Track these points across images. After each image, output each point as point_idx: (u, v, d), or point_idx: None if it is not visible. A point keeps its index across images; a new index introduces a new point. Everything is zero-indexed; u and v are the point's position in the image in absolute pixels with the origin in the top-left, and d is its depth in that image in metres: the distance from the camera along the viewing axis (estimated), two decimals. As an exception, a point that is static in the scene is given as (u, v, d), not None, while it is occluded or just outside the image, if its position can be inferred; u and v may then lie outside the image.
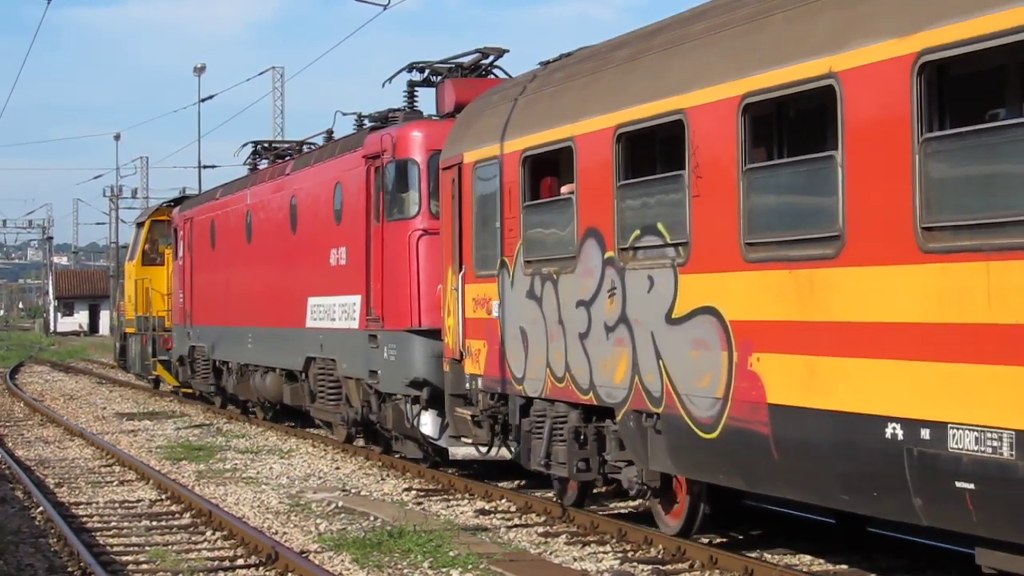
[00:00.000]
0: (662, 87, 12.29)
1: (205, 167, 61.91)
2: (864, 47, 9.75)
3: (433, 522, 15.01)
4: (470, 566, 12.71)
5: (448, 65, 20.53)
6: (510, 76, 18.91)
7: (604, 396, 13.37)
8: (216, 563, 13.42)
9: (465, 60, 20.46)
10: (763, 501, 14.72)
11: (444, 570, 12.62)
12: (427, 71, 20.89)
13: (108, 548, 14.32)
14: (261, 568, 13.05)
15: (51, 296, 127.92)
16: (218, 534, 14.95)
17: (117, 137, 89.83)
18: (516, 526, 15.04)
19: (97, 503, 17.57)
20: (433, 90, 20.35)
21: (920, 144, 9.22)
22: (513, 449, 15.90)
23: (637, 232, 12.69)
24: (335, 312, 21.12)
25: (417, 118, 20.06)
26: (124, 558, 13.72)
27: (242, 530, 14.48)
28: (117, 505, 17.41)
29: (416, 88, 21.00)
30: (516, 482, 18.02)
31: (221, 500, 17.39)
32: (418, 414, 18.43)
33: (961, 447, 8.95)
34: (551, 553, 13.49)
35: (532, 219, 14.72)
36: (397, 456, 20.25)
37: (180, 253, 31.85)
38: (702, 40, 12.05)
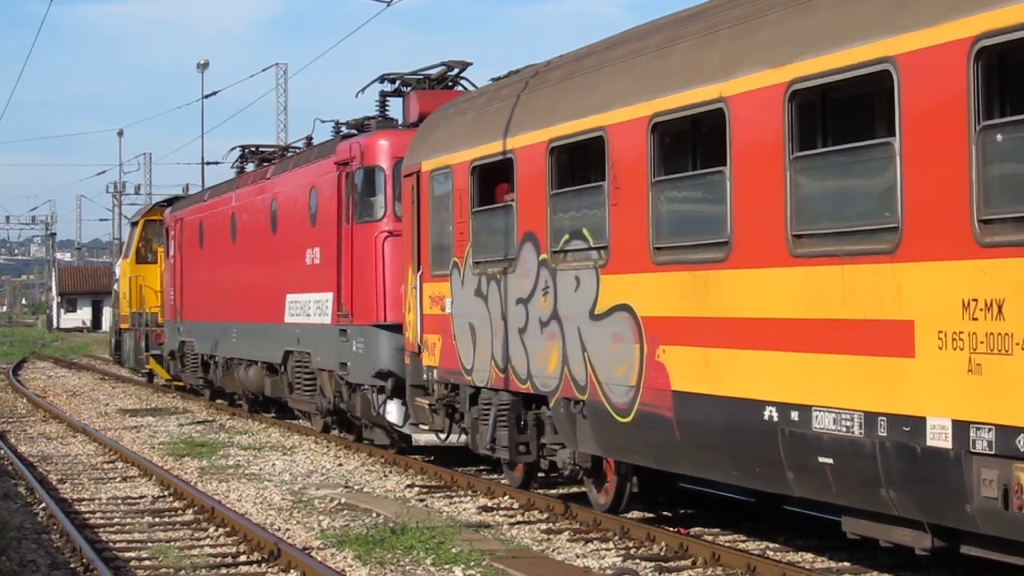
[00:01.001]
0: (587, 106, 13.63)
1: (208, 163, 61.78)
2: (747, 75, 11.08)
3: (436, 519, 15.04)
4: (472, 563, 12.69)
5: (417, 76, 21.85)
6: (475, 87, 20.24)
7: (539, 385, 14.70)
8: (219, 560, 13.38)
9: (433, 72, 21.77)
10: (705, 484, 15.76)
11: (446, 567, 12.63)
12: (398, 82, 22.22)
13: (111, 544, 14.30)
14: (264, 565, 13.03)
15: (54, 292, 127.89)
16: (221, 531, 14.93)
17: (120, 133, 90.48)
18: (519, 523, 15.04)
19: (100, 499, 17.61)
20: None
21: (790, 162, 10.56)
22: (468, 436, 17.22)
23: (566, 237, 14.02)
24: (310, 308, 22.48)
25: (388, 126, 21.38)
26: (127, 554, 13.71)
27: (245, 527, 14.42)
28: (120, 501, 17.43)
29: (387, 98, 22.34)
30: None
31: (224, 496, 17.40)
32: (383, 403, 19.78)
33: (823, 427, 10.29)
34: (554, 550, 13.51)
35: (479, 224, 16.05)
36: (367, 442, 21.60)
37: (171, 252, 33.24)
38: (621, 64, 13.38)
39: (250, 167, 29.68)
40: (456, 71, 21.61)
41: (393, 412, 19.72)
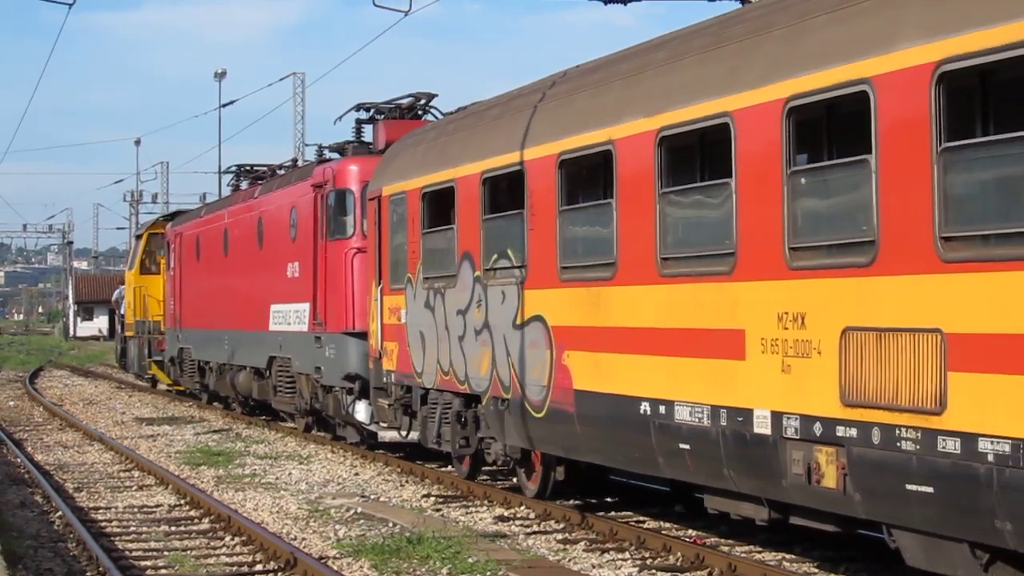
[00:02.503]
0: (512, 144, 15.70)
1: (225, 172, 62.98)
2: (628, 123, 13.16)
3: (452, 528, 15.04)
4: (489, 573, 12.75)
5: (389, 106, 23.97)
6: (442, 115, 22.34)
7: (475, 386, 16.77)
8: (235, 569, 13.44)
9: (403, 102, 23.89)
10: (632, 476, 17.44)
11: None
12: (372, 111, 24.35)
13: (127, 553, 14.35)
14: (280, 574, 13.09)
15: (71, 301, 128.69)
16: (237, 539, 14.96)
17: (138, 142, 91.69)
18: (535, 533, 15.10)
19: (116, 508, 17.63)
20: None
21: (659, 197, 12.62)
22: (419, 432, 19.27)
23: (495, 256, 16.09)
24: (291, 317, 24.60)
25: (363, 152, 23.49)
26: (143, 563, 13.76)
27: (261, 536, 14.47)
28: (136, 510, 17.47)
29: (362, 125, 24.46)
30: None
31: (240, 505, 17.43)
32: (352, 403, 21.90)
33: (682, 419, 12.33)
34: (570, 560, 13.57)
35: (428, 244, 18.13)
36: (342, 440, 23.67)
37: (172, 264, 35.42)
38: (544, 106, 15.46)
39: (245, 185, 31.85)
40: (424, 101, 23.72)
41: (361, 411, 21.81)
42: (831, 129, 11.22)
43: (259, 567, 13.46)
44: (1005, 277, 8.80)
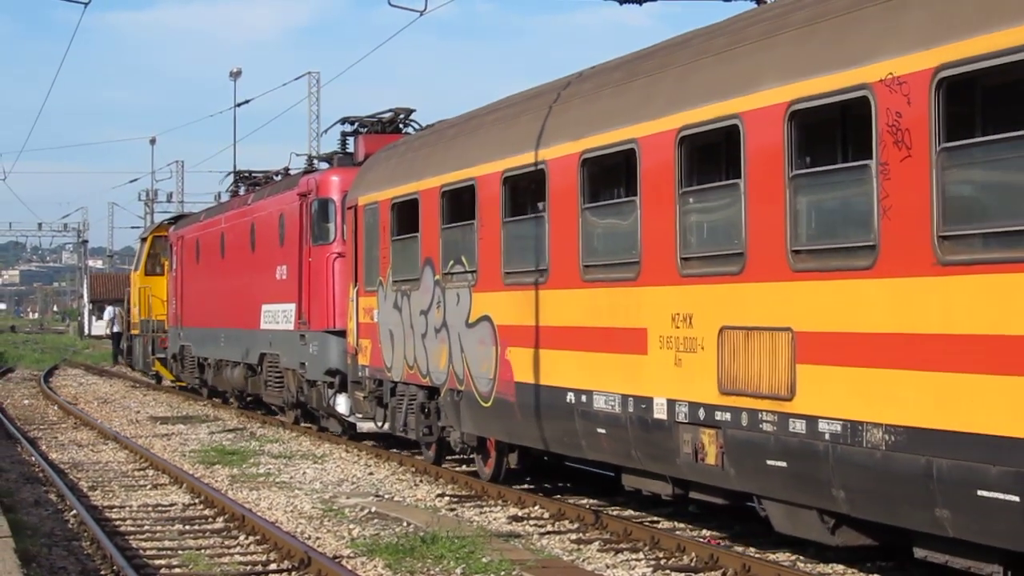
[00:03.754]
0: (465, 161, 17.45)
1: (240, 171, 62.75)
2: (556, 146, 14.91)
3: (466, 528, 14.98)
4: (503, 572, 12.75)
5: (372, 119, 25.74)
6: (421, 127, 24.09)
7: (435, 379, 18.52)
8: (249, 568, 13.40)
9: (384, 116, 25.66)
10: (587, 463, 18.83)
11: None
12: (356, 124, 26.13)
13: (141, 552, 14.34)
14: (294, 573, 13.08)
15: (86, 299, 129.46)
16: (251, 539, 14.94)
17: (153, 141, 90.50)
18: (549, 533, 15.11)
19: (130, 507, 17.64)
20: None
21: (581, 211, 14.36)
22: (389, 422, 21.04)
23: (452, 262, 17.84)
24: (279, 316, 26.39)
25: (348, 163, 25.25)
26: (157, 562, 13.75)
27: (275, 535, 14.46)
28: (150, 509, 17.48)
29: (347, 137, 26.24)
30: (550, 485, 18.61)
31: (254, 505, 17.45)
32: (333, 396, 23.68)
33: (599, 406, 14.07)
34: (584, 560, 13.54)
35: (397, 249, 19.89)
36: (326, 431, 25.44)
37: (174, 265, 37.27)
38: (491, 127, 17.20)
39: (243, 190, 33.65)
40: (403, 116, 25.50)
41: (341, 404, 23.59)
42: (712, 157, 12.95)
43: (273, 566, 13.44)
44: (838, 284, 10.53)
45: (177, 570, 13.36)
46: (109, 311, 45.46)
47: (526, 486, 18.51)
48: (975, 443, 9.19)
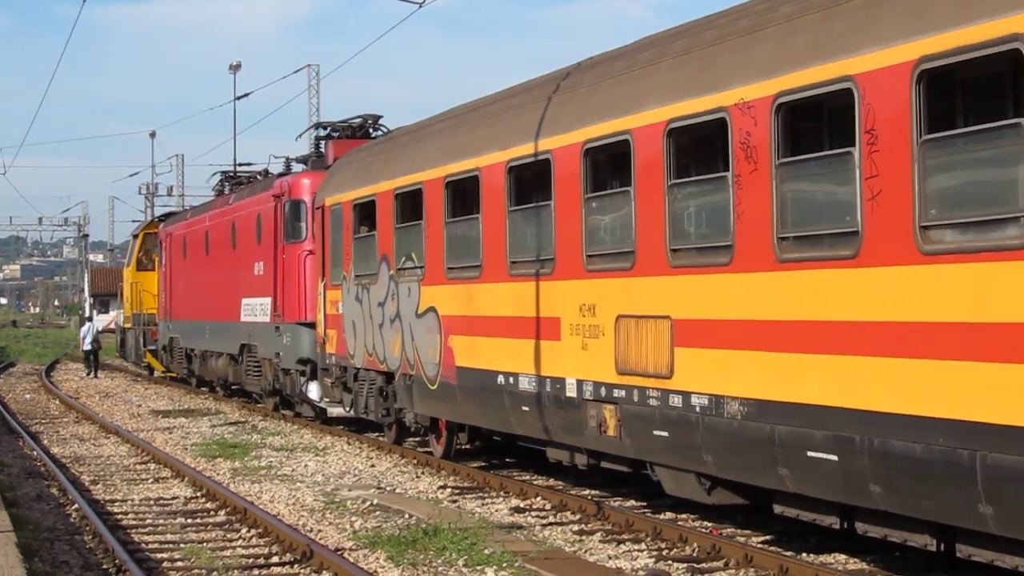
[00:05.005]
0: (415, 167, 19.21)
1: (240, 165, 59.14)
2: (488, 155, 16.65)
3: (468, 520, 15.05)
4: (505, 564, 12.74)
5: (344, 124, 27.52)
6: (389, 131, 25.84)
7: (390, 365, 20.29)
8: (251, 561, 13.40)
9: (355, 122, 27.44)
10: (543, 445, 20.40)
11: (479, 568, 12.67)
12: (329, 128, 27.91)
13: (143, 545, 14.34)
14: (296, 566, 13.03)
15: (87, 293, 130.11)
16: (253, 532, 14.97)
17: (153, 135, 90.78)
18: (551, 524, 15.13)
19: (132, 500, 17.68)
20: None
21: (508, 213, 16.12)
22: (353, 406, 22.81)
23: (404, 258, 19.61)
24: (257, 309, 28.18)
25: (320, 167, 27.02)
26: (159, 555, 13.74)
27: (277, 528, 14.50)
28: (152, 502, 17.51)
29: (321, 141, 28.03)
30: (551, 479, 18.52)
31: (256, 498, 17.49)
32: (305, 383, 25.47)
33: (524, 387, 15.83)
34: (586, 551, 13.54)
35: (358, 247, 21.66)
36: (299, 415, 27.21)
37: (163, 261, 39.07)
38: (436, 136, 18.96)
39: (228, 190, 35.41)
40: (371, 122, 27.28)
41: (313, 390, 25.38)
42: (610, 168, 14.70)
43: (275, 559, 13.47)
44: (704, 278, 12.30)
45: (179, 563, 13.38)
46: (85, 328, 46.79)
47: (481, 462, 20.29)
48: (804, 412, 10.96)
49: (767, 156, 11.34)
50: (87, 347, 47.13)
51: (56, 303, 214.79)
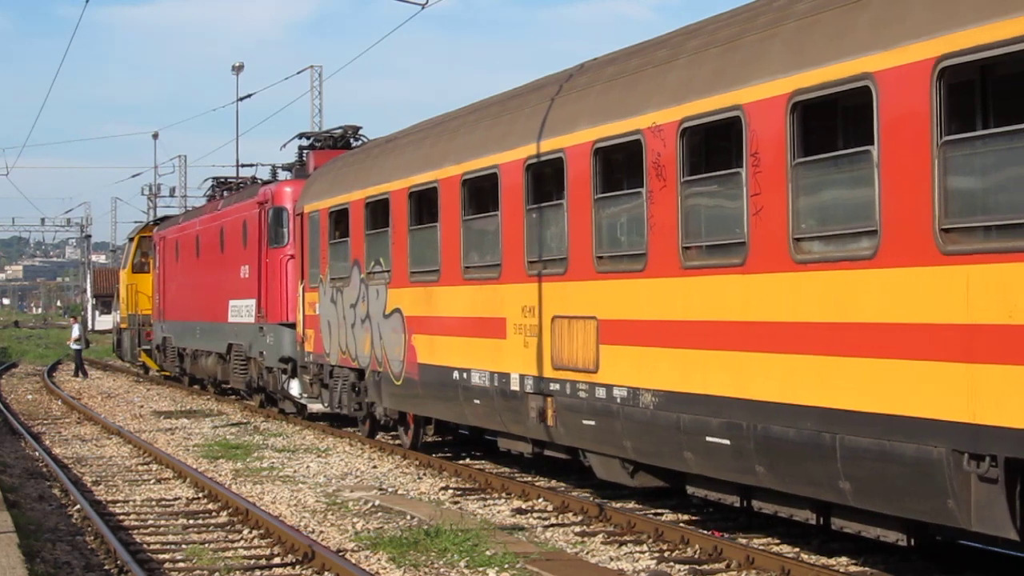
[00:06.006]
0: (383, 178, 20.64)
1: (243, 166, 59.74)
2: (445, 168, 18.08)
3: (470, 521, 15.09)
4: (506, 565, 12.77)
5: (325, 134, 28.99)
6: (368, 140, 27.28)
7: (362, 362, 21.73)
8: (253, 561, 13.43)
9: (336, 133, 28.91)
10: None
11: (481, 569, 12.69)
12: (312, 138, 29.39)
13: (145, 546, 14.35)
14: (298, 567, 13.07)
15: (89, 294, 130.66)
16: (255, 532, 15.01)
17: (155, 136, 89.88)
18: (553, 525, 15.19)
19: (134, 501, 17.70)
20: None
21: (463, 223, 17.55)
22: (328, 401, 24.23)
23: (373, 263, 21.04)
24: (243, 311, 29.63)
25: (301, 175, 28.47)
26: (161, 556, 13.77)
27: (279, 528, 14.52)
28: (154, 503, 17.53)
29: (304, 151, 29.49)
30: (552, 481, 18.51)
31: (258, 499, 17.54)
32: (287, 380, 26.91)
33: (476, 382, 17.26)
34: (588, 552, 13.59)
35: (333, 251, 23.09)
36: (282, 411, 28.64)
37: (157, 264, 40.54)
38: (403, 149, 20.38)
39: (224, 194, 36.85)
40: (351, 132, 28.75)
41: (293, 387, 26.82)
42: (550, 182, 16.11)
43: (277, 560, 13.53)
44: (622, 283, 13.72)
45: (181, 564, 13.43)
46: (76, 328, 47.82)
47: (448, 452, 21.71)
48: (703, 402, 12.38)
49: (674, 174, 12.76)
50: (76, 345, 47.81)
51: (58, 304, 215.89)
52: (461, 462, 20.45)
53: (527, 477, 18.79)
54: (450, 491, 17.92)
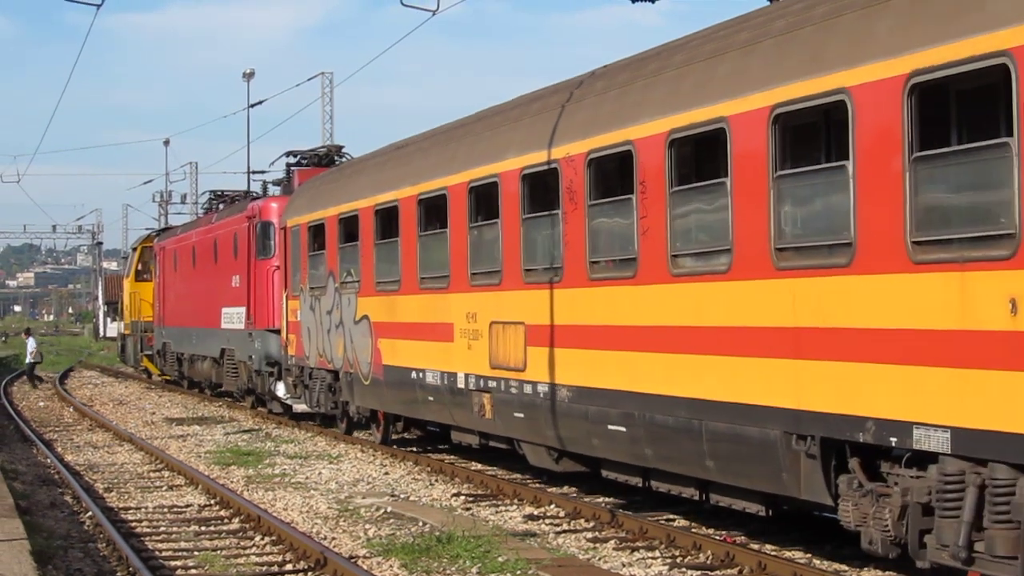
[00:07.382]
0: (353, 196, 22.68)
1: (254, 172, 59.62)
2: (405, 188, 20.11)
3: (482, 527, 15.05)
4: (519, 572, 12.77)
5: (311, 152, 31.05)
6: (353, 156, 29.31)
7: (336, 365, 23.76)
8: (265, 568, 13.44)
9: (321, 151, 30.98)
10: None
11: None
12: (298, 156, 31.45)
13: (157, 553, 14.37)
14: (310, 573, 13.09)
15: (100, 301, 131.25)
16: (267, 539, 15.01)
17: (167, 143, 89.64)
18: (565, 531, 15.15)
19: (146, 508, 17.74)
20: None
21: (419, 238, 19.58)
22: (308, 401, 26.25)
23: (346, 273, 23.08)
24: (234, 317, 31.72)
25: (288, 191, 30.51)
26: (173, 563, 13.76)
27: (291, 535, 14.54)
28: (166, 510, 17.54)
29: (291, 168, 31.56)
30: (566, 487, 18.40)
31: (270, 505, 17.56)
32: (273, 382, 28.98)
33: (430, 381, 19.26)
34: (600, 559, 13.58)
35: (312, 263, 25.14)
36: (270, 411, 30.68)
37: (157, 273, 42.67)
38: (371, 170, 22.41)
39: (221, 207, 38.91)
40: (335, 151, 30.81)
41: (280, 389, 28.88)
42: (488, 200, 18.12)
43: (289, 567, 13.52)
44: (543, 292, 15.73)
45: (193, 571, 13.48)
46: (32, 342, 49.53)
47: (416, 448, 23.66)
48: (605, 395, 14.39)
49: (582, 198, 14.77)
50: (30, 359, 48.67)
51: (70, 311, 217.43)
52: (473, 468, 20.66)
53: (539, 483, 18.82)
54: (462, 497, 17.94)
